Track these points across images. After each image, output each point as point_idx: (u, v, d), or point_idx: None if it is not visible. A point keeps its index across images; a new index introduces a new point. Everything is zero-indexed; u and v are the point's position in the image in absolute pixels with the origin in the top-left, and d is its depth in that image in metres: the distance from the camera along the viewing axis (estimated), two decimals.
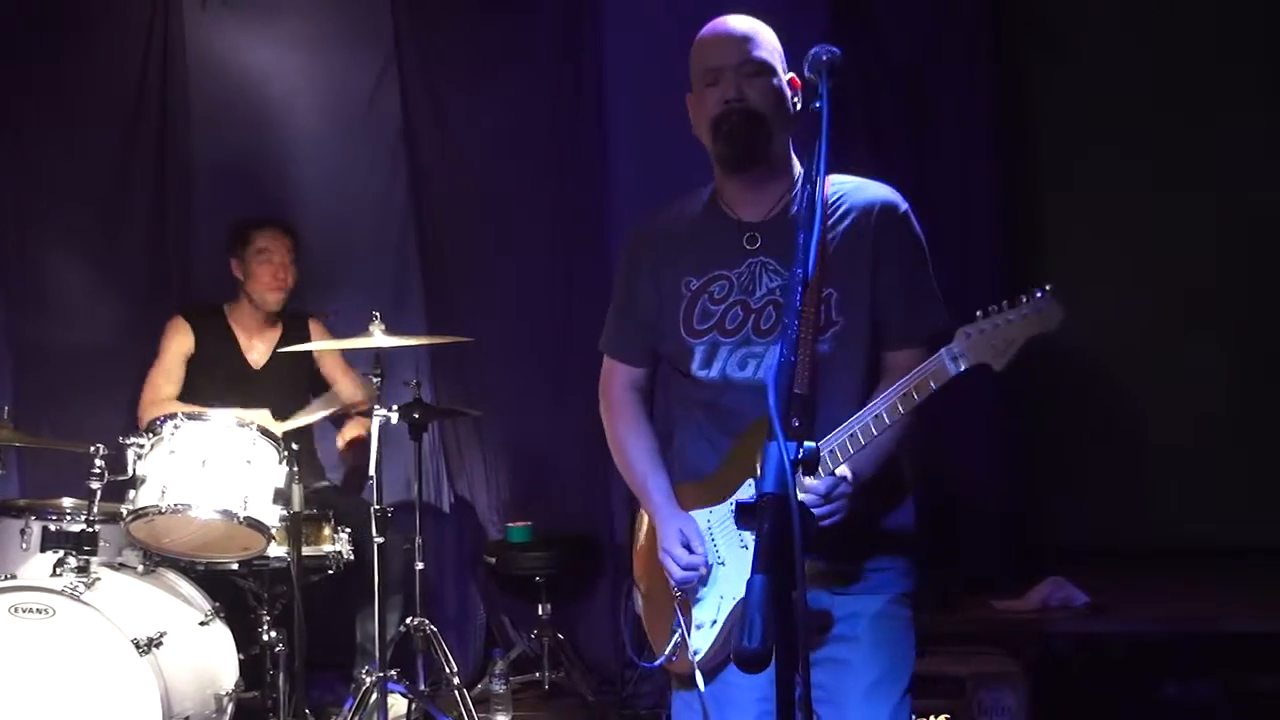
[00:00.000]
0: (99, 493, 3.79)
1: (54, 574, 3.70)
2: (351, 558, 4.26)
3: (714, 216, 2.54)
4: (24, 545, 3.94)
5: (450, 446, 5.32)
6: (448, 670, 4.27)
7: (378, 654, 4.08)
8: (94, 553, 3.78)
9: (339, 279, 5.07)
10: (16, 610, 3.56)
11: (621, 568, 5.06)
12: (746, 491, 2.36)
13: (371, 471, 4.04)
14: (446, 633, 4.55)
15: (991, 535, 5.17)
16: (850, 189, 2.49)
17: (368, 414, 4.11)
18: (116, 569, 3.90)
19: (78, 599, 3.57)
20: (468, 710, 4.21)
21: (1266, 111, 5.48)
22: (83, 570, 3.71)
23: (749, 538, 2.33)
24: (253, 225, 4.71)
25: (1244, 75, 5.50)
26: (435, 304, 5.28)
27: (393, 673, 4.10)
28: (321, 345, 4.62)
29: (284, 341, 4.67)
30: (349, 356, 4.75)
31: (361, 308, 4.24)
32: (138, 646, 3.55)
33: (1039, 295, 2.13)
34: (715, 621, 2.41)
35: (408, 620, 4.33)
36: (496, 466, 5.31)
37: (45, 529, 3.94)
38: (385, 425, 4.07)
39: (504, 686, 4.69)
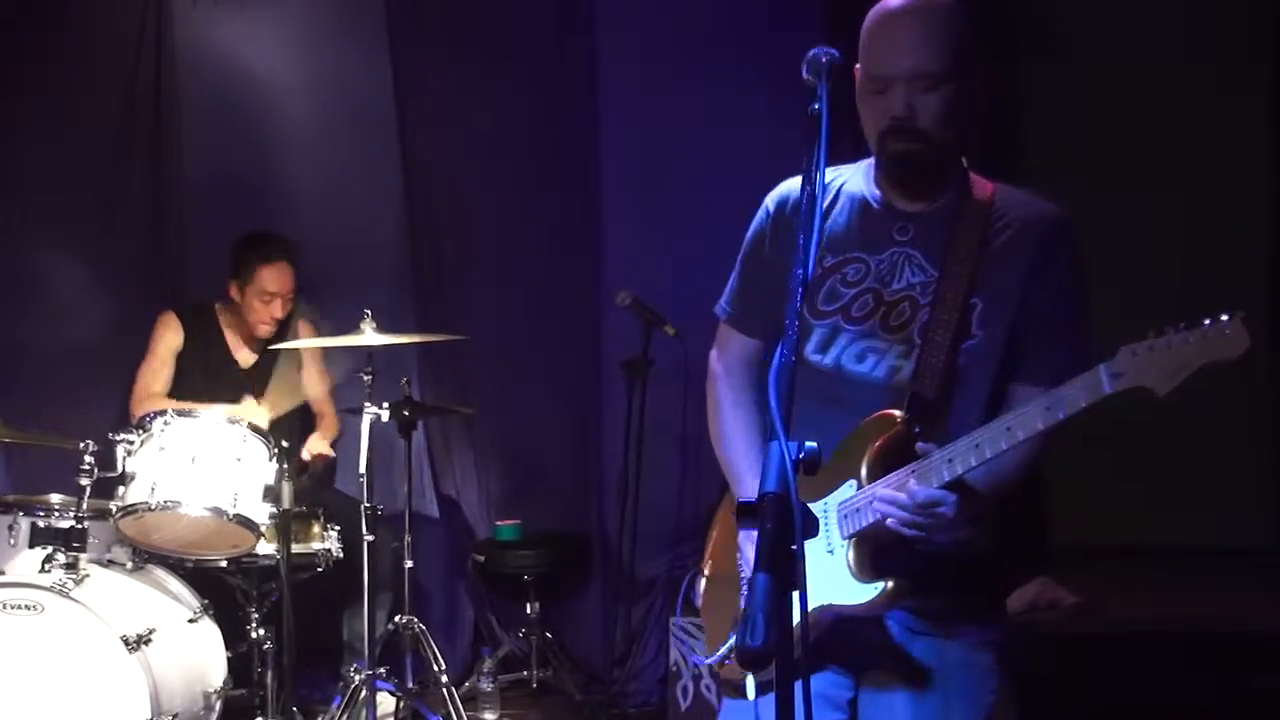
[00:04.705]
0: (88, 489, 3.78)
1: (43, 570, 3.68)
2: (341, 555, 4.26)
3: (868, 196, 2.31)
4: (12, 541, 3.92)
5: (438, 445, 5.31)
6: (436, 668, 4.26)
7: (366, 651, 4.09)
8: (83, 549, 3.77)
9: (330, 277, 5.05)
10: (5, 606, 3.54)
11: (610, 566, 5.07)
12: (847, 493, 2.16)
13: (362, 470, 4.04)
14: (435, 631, 4.55)
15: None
16: (1015, 200, 2.28)
17: (358, 412, 4.12)
18: (105, 565, 3.89)
19: (66, 595, 3.56)
20: (456, 708, 4.21)
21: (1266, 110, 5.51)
22: (71, 567, 3.69)
23: (836, 541, 2.17)
24: (259, 258, 4.55)
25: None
26: (427, 302, 5.26)
27: (381, 670, 4.11)
28: (313, 343, 4.60)
29: (272, 340, 4.64)
30: (342, 354, 4.73)
31: (353, 306, 4.21)
32: (126, 643, 3.54)
33: (1225, 319, 1.86)
34: None
35: (396, 618, 4.33)
36: (486, 465, 5.31)
37: (34, 525, 3.93)
38: (376, 423, 4.07)
39: (492, 685, 4.71)
